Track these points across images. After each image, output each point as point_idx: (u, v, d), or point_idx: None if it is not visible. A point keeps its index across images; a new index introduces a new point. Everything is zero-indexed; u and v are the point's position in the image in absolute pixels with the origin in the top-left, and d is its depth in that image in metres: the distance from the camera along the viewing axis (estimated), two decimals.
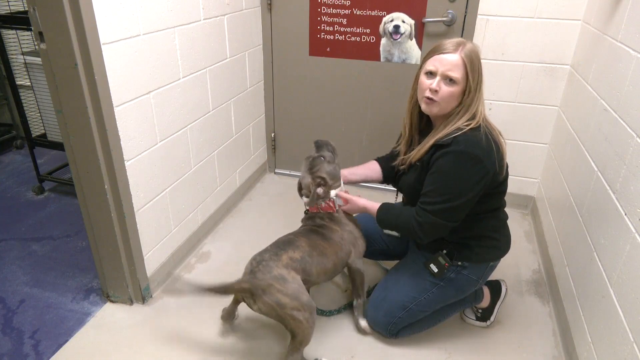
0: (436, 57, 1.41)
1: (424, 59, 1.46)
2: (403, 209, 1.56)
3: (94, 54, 1.41)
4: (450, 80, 1.40)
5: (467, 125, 1.40)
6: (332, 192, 1.66)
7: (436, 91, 1.41)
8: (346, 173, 1.77)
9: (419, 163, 1.50)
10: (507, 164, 1.49)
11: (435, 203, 1.42)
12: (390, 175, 1.74)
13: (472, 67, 1.39)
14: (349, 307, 1.84)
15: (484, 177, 1.39)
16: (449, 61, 1.39)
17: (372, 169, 1.80)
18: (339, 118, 2.70)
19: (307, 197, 1.66)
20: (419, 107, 1.51)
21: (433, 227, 1.45)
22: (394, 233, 1.64)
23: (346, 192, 1.71)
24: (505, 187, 1.53)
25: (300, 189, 1.72)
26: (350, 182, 1.79)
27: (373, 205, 1.63)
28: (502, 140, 1.47)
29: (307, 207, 1.69)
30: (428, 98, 1.44)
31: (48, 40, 1.41)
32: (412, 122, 1.60)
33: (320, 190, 1.62)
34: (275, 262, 1.44)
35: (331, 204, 1.65)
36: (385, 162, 1.78)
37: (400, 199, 1.78)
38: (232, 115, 2.38)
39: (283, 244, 1.52)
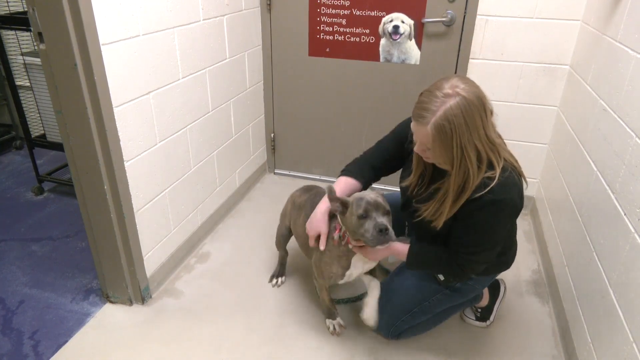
0: (414, 121, 1.28)
1: (415, 105, 1.31)
2: (436, 251, 1.46)
3: (93, 55, 1.41)
4: (428, 147, 1.27)
5: (492, 174, 1.27)
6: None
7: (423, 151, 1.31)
8: (327, 207, 1.59)
9: None
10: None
11: (478, 252, 1.39)
12: (370, 183, 1.65)
13: (445, 139, 1.20)
14: (357, 299, 1.88)
15: (517, 215, 1.39)
16: (420, 133, 1.26)
17: (352, 190, 1.60)
18: (338, 118, 2.70)
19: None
20: None
21: (474, 269, 1.43)
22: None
23: None
24: (522, 206, 1.47)
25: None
26: None
27: (403, 247, 1.51)
28: (520, 167, 1.38)
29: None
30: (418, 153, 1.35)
31: (47, 41, 1.41)
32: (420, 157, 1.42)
33: (332, 205, 1.50)
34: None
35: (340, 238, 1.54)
36: (361, 176, 1.63)
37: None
38: (231, 115, 2.38)
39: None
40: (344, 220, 1.48)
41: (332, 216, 1.58)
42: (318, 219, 1.55)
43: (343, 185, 1.60)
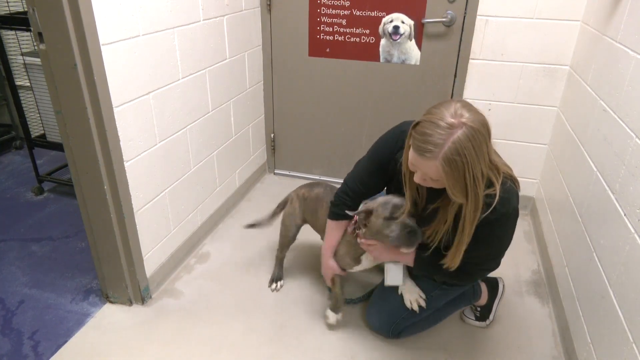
0: (416, 154, 1.19)
1: (411, 134, 1.22)
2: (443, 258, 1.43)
3: (93, 55, 1.41)
4: (433, 178, 1.21)
5: (493, 192, 1.24)
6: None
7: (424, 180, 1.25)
8: (331, 253, 1.68)
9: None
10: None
11: (488, 261, 1.44)
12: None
13: (457, 172, 1.15)
14: (360, 301, 1.89)
15: (516, 224, 1.38)
16: (426, 167, 1.19)
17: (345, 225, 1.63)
18: (338, 119, 2.70)
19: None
20: None
21: (481, 274, 1.53)
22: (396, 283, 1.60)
23: None
24: None
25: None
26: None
27: (409, 254, 1.49)
28: (513, 173, 1.35)
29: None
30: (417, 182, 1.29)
31: (47, 41, 1.41)
32: (412, 182, 1.35)
33: (362, 217, 1.50)
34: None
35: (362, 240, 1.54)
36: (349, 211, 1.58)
37: None
38: (231, 115, 2.38)
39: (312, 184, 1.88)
40: (369, 225, 1.48)
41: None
42: (328, 264, 1.70)
43: (337, 234, 1.65)
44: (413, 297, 1.61)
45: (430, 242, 1.39)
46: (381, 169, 1.52)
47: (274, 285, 1.97)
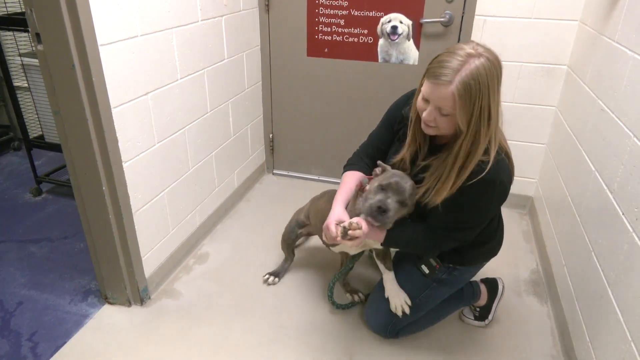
0: (431, 82, 1.22)
1: (427, 69, 1.26)
2: (413, 230, 1.46)
3: (91, 56, 1.41)
4: (443, 113, 1.24)
5: (486, 159, 1.26)
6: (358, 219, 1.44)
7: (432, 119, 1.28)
8: (344, 200, 1.54)
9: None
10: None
11: (458, 230, 1.40)
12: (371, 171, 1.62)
13: (469, 98, 1.17)
14: (359, 302, 1.87)
15: (504, 200, 1.37)
16: (439, 94, 1.20)
17: (358, 181, 1.59)
18: (337, 119, 2.70)
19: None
20: None
21: (453, 244, 1.45)
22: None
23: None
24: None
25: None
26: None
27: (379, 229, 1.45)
28: (511, 157, 1.38)
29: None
30: (424, 122, 1.31)
31: (45, 42, 1.41)
32: (417, 132, 1.40)
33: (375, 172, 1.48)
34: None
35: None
36: (361, 167, 1.62)
37: None
38: (230, 116, 2.38)
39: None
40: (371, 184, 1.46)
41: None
42: (336, 212, 1.48)
43: (349, 181, 1.57)
44: (398, 302, 1.60)
45: (424, 200, 1.37)
46: (390, 127, 1.57)
47: (270, 279, 1.98)
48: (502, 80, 1.24)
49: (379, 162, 1.49)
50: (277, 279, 1.99)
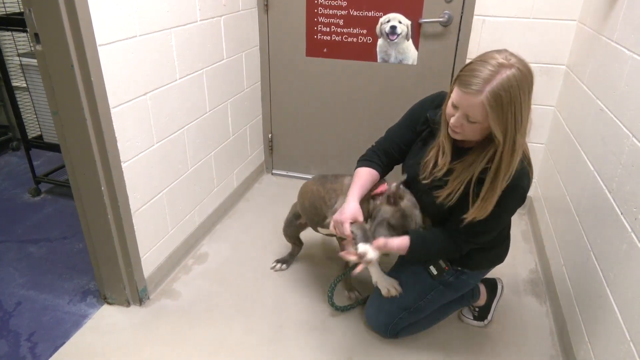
0: (461, 90, 1.22)
1: (458, 76, 1.26)
2: (435, 238, 1.47)
3: (90, 56, 1.41)
4: (471, 120, 1.25)
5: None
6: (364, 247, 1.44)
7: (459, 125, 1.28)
8: (359, 195, 1.52)
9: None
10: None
11: (479, 234, 1.41)
12: (384, 175, 1.65)
13: (501, 109, 1.18)
14: (359, 304, 1.87)
15: (522, 205, 1.39)
16: (469, 103, 1.21)
17: (373, 180, 1.58)
18: (336, 119, 2.70)
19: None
20: None
21: (468, 247, 1.47)
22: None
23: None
24: None
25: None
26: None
27: (402, 239, 1.45)
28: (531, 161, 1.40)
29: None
30: (452, 127, 1.32)
31: (44, 42, 1.41)
32: (445, 136, 1.40)
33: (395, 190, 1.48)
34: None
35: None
36: (377, 164, 1.62)
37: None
38: (229, 116, 2.38)
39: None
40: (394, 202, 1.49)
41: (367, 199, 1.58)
42: (351, 208, 1.47)
43: (364, 177, 1.56)
44: (389, 285, 1.59)
45: (447, 203, 1.38)
46: (413, 126, 1.57)
47: (275, 265, 2.04)
48: (533, 90, 1.25)
49: (401, 186, 1.48)
50: (284, 266, 2.04)
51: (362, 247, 1.42)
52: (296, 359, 1.64)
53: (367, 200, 1.55)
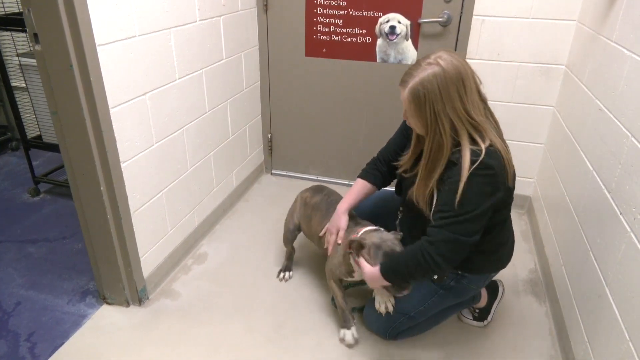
0: (399, 86, 1.37)
1: None
2: (405, 249, 1.45)
3: (89, 56, 1.41)
4: (406, 114, 1.38)
5: (478, 149, 1.29)
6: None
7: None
8: (347, 207, 1.66)
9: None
10: (514, 172, 1.42)
11: (449, 217, 1.31)
12: (385, 183, 1.73)
13: (418, 104, 1.29)
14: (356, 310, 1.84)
15: (496, 190, 1.31)
16: (402, 97, 1.35)
17: (366, 192, 1.70)
18: (335, 119, 2.70)
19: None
20: None
21: (450, 244, 1.32)
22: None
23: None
24: (512, 199, 1.46)
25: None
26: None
27: (374, 267, 1.46)
28: (508, 155, 1.36)
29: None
30: None
31: (43, 42, 1.41)
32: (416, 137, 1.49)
33: (351, 251, 1.52)
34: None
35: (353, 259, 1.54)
36: (373, 176, 1.70)
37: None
38: (228, 116, 2.38)
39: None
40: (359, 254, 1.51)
41: (351, 216, 1.69)
42: (338, 216, 1.65)
43: (356, 189, 1.70)
44: (385, 299, 1.61)
45: (417, 203, 1.43)
46: (404, 130, 1.66)
47: (281, 275, 2.02)
48: (467, 89, 1.29)
49: (361, 234, 1.53)
50: (290, 273, 2.03)
51: (342, 333, 1.68)
52: (296, 359, 1.64)
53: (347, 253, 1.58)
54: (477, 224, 1.33)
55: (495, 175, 1.30)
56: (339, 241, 1.63)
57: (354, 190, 1.70)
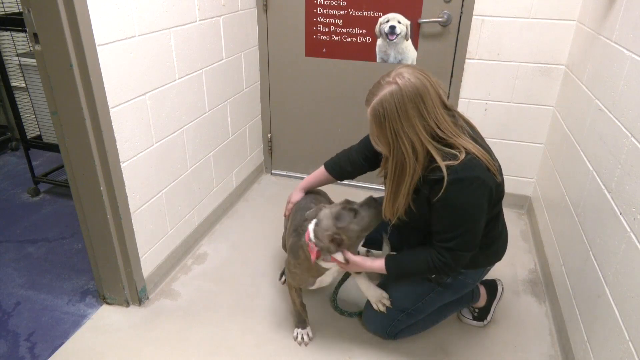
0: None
1: None
2: (413, 254, 1.47)
3: (89, 56, 1.41)
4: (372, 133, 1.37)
5: (453, 164, 1.28)
6: (338, 254, 1.49)
7: None
8: (305, 185, 1.84)
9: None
10: (499, 166, 1.42)
11: (454, 238, 1.35)
12: (346, 178, 1.81)
13: (379, 123, 1.28)
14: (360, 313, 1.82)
15: (489, 194, 1.33)
16: (368, 116, 1.33)
17: (326, 181, 1.84)
18: (335, 119, 2.70)
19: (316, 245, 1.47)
20: None
21: (457, 259, 1.39)
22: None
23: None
24: (503, 193, 1.46)
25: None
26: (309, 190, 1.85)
27: (380, 262, 1.49)
28: (489, 160, 1.34)
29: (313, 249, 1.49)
30: None
31: (43, 42, 1.41)
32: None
33: (333, 247, 1.46)
34: None
35: (330, 260, 1.50)
36: (337, 174, 1.80)
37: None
38: (228, 116, 2.38)
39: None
40: (345, 241, 1.47)
41: (310, 192, 1.84)
42: (295, 191, 1.81)
43: (318, 176, 1.83)
44: (377, 297, 1.62)
45: (395, 215, 1.42)
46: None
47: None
48: (428, 107, 1.26)
49: (324, 243, 1.46)
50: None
51: (295, 332, 1.70)
52: (296, 359, 1.64)
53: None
54: (479, 234, 1.39)
55: (484, 183, 1.31)
56: (287, 213, 1.78)
57: (316, 174, 1.83)
